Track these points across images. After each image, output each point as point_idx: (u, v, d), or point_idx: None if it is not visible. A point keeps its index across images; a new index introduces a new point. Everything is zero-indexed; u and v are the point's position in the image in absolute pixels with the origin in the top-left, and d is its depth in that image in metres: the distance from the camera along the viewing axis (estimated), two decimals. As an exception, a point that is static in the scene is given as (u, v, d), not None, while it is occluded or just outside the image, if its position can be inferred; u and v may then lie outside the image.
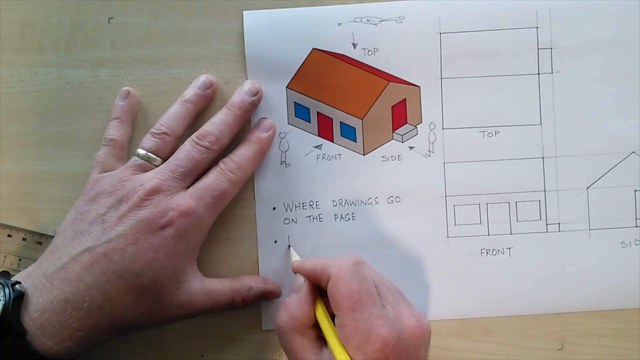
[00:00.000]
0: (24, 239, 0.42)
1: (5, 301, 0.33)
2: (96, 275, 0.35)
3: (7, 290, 0.34)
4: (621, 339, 0.41)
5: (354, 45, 0.41)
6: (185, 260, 0.37)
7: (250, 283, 0.40)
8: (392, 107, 0.42)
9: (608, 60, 0.41)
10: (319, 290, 0.36)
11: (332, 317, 0.34)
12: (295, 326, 0.34)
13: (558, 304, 0.42)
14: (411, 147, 0.42)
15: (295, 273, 0.37)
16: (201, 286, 0.38)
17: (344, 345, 0.32)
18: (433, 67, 0.42)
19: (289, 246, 0.42)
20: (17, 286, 0.35)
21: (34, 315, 0.34)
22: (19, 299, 0.34)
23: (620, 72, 0.41)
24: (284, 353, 0.42)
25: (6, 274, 0.38)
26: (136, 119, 0.42)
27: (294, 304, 0.35)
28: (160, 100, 0.42)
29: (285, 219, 0.42)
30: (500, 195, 0.42)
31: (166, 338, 0.42)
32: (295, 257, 0.40)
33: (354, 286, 0.32)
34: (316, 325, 0.34)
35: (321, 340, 0.34)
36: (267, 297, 0.41)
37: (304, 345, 0.34)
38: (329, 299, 0.33)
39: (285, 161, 0.42)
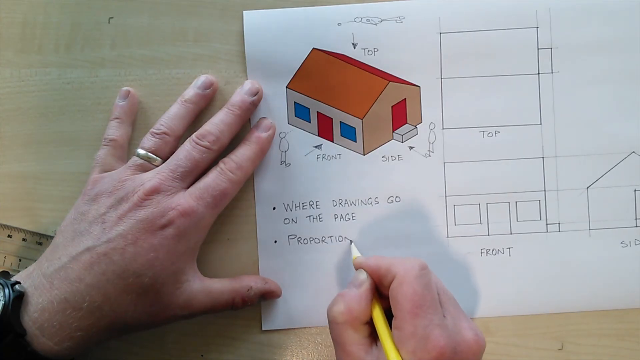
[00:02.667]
0: (24, 240, 0.42)
1: (5, 301, 0.33)
2: (96, 275, 0.35)
3: (6, 291, 0.34)
4: (621, 339, 0.41)
5: (354, 45, 0.41)
6: (185, 260, 0.37)
7: (251, 283, 0.40)
8: (392, 107, 0.42)
9: (608, 60, 0.41)
10: (377, 291, 0.35)
11: (387, 318, 0.34)
12: (350, 319, 0.34)
13: (558, 304, 0.42)
14: (411, 147, 0.42)
15: (357, 268, 0.36)
16: (201, 286, 0.38)
17: (398, 347, 0.32)
18: (433, 67, 0.42)
19: (351, 242, 0.41)
20: (16, 286, 0.35)
21: (33, 315, 0.34)
22: (18, 299, 0.34)
23: (620, 72, 0.41)
24: (283, 353, 0.42)
25: (6, 274, 0.38)
26: (136, 119, 0.42)
27: (353, 297, 0.34)
28: (160, 100, 0.42)
29: (285, 219, 0.42)
30: (500, 195, 0.42)
31: (166, 338, 0.42)
32: (356, 253, 0.40)
33: (418, 290, 0.32)
34: (369, 323, 0.34)
35: (372, 338, 0.34)
36: (267, 297, 0.41)
37: (355, 339, 0.33)
38: (390, 299, 0.33)
39: (285, 161, 0.42)
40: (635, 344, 0.41)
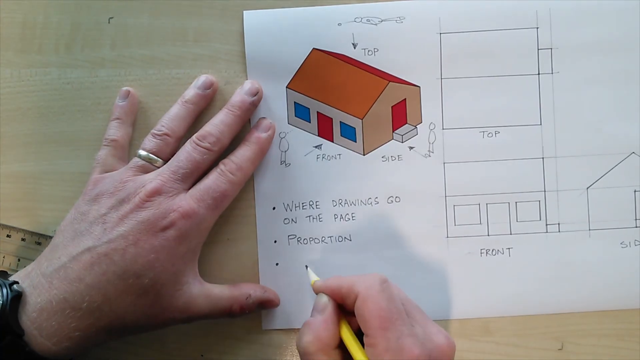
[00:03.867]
0: (23, 239, 0.42)
1: (2, 301, 0.33)
2: (96, 275, 0.35)
3: (4, 290, 0.34)
4: (621, 339, 0.41)
5: (354, 45, 0.41)
6: (186, 262, 0.37)
7: (250, 291, 0.40)
8: (392, 107, 0.42)
9: (608, 60, 0.41)
10: (341, 309, 0.35)
11: (356, 336, 0.33)
12: (321, 347, 0.33)
13: (558, 304, 0.42)
14: (411, 147, 0.42)
15: (317, 293, 0.36)
16: (201, 289, 0.38)
17: None
18: (433, 67, 0.42)
19: (306, 267, 0.41)
20: (15, 286, 0.34)
21: (32, 315, 0.34)
22: (16, 299, 0.34)
23: (620, 72, 0.41)
24: (283, 353, 0.42)
25: (4, 274, 0.37)
26: (136, 119, 0.42)
27: (318, 324, 0.34)
28: (160, 101, 0.42)
29: (285, 219, 0.42)
30: (500, 195, 0.42)
31: (166, 338, 0.42)
32: (313, 277, 0.39)
33: (383, 305, 0.32)
34: (340, 347, 0.34)
35: None
36: (266, 306, 0.41)
37: None
38: (357, 318, 0.33)
39: (285, 161, 0.42)
40: (635, 344, 0.41)
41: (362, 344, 0.33)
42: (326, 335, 0.33)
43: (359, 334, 0.33)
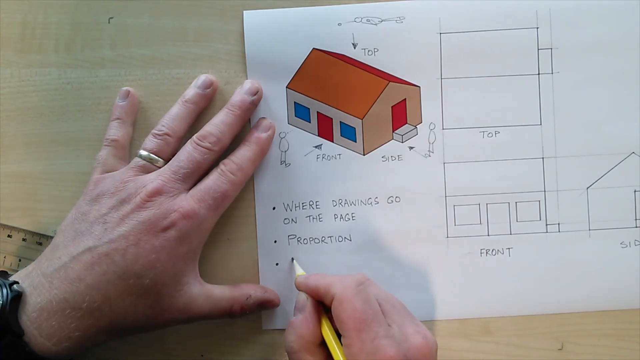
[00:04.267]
0: (24, 240, 0.42)
1: (2, 301, 0.33)
2: (97, 275, 0.35)
3: (4, 291, 0.34)
4: (621, 339, 0.41)
5: (354, 45, 0.41)
6: (187, 263, 0.37)
7: (250, 291, 0.40)
8: (392, 107, 0.42)
9: (608, 60, 0.41)
10: (323, 306, 0.36)
11: (339, 333, 0.34)
12: (305, 345, 0.34)
13: (558, 304, 0.42)
14: (411, 147, 0.42)
15: (298, 289, 0.37)
16: (201, 290, 0.38)
17: None
18: (433, 67, 0.42)
19: (292, 259, 0.42)
20: (15, 286, 0.34)
21: (32, 315, 0.34)
22: (16, 299, 0.34)
23: (620, 72, 0.41)
24: (283, 353, 0.42)
25: (4, 274, 0.37)
26: (136, 119, 0.42)
27: (300, 323, 0.35)
28: (160, 101, 0.42)
29: (285, 218, 0.42)
30: (500, 195, 0.42)
31: (166, 338, 0.42)
32: (299, 270, 0.40)
33: (357, 307, 0.32)
34: (324, 343, 0.34)
35: (331, 358, 0.34)
36: (266, 306, 0.41)
37: None
38: (334, 319, 0.33)
39: (285, 161, 0.42)
40: (635, 344, 0.41)
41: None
42: (308, 333, 0.34)
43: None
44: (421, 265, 0.42)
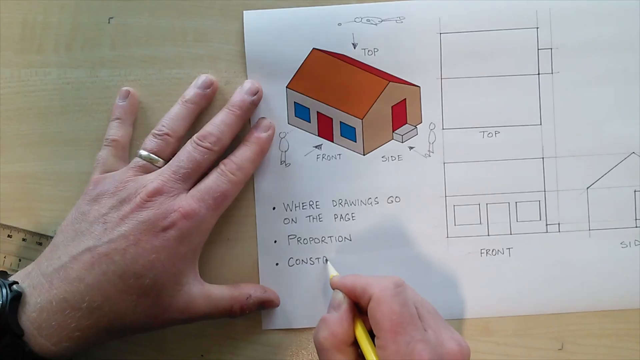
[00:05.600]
0: (24, 240, 0.42)
1: (2, 301, 0.33)
2: (96, 275, 0.35)
3: (4, 291, 0.34)
4: (621, 339, 0.41)
5: (354, 45, 0.41)
6: (187, 263, 0.37)
7: (250, 291, 0.40)
8: (392, 107, 0.42)
9: (608, 60, 0.41)
10: (357, 307, 0.35)
11: (371, 335, 0.33)
12: (336, 343, 0.33)
13: (558, 304, 0.42)
14: (411, 147, 0.42)
15: (333, 289, 0.36)
16: (201, 290, 0.38)
17: None
18: (433, 67, 0.42)
19: (327, 260, 0.42)
20: (14, 286, 0.34)
21: (31, 315, 0.34)
22: (16, 299, 0.34)
23: (620, 72, 0.41)
24: (283, 353, 0.42)
25: (4, 274, 0.37)
26: (136, 119, 0.42)
27: (334, 320, 0.34)
28: (160, 101, 0.42)
29: (285, 218, 0.42)
30: (500, 195, 0.42)
31: (166, 338, 0.42)
32: (332, 271, 0.40)
33: (395, 309, 0.32)
34: (355, 344, 0.34)
35: (360, 358, 0.34)
36: (266, 306, 0.41)
37: None
38: (370, 319, 0.33)
39: (285, 161, 0.42)
40: (635, 344, 0.41)
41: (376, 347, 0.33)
42: (341, 333, 0.33)
43: (373, 335, 0.33)
44: (421, 265, 0.42)
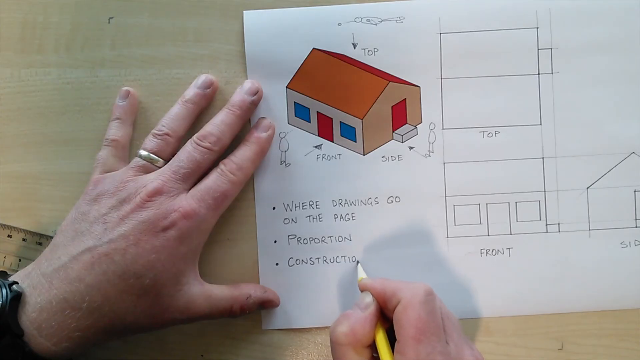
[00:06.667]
0: (24, 240, 0.42)
1: (2, 301, 0.33)
2: (96, 275, 0.35)
3: (4, 291, 0.34)
4: (621, 339, 0.41)
5: (354, 45, 0.41)
6: (187, 263, 0.37)
7: (250, 291, 0.40)
8: (392, 107, 0.42)
9: (608, 60, 0.41)
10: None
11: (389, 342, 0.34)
12: (353, 341, 0.33)
13: (558, 304, 0.42)
14: (411, 147, 0.42)
15: (362, 290, 0.36)
16: (201, 290, 0.38)
17: None
18: (433, 67, 0.42)
19: (357, 262, 0.42)
20: (14, 286, 0.34)
21: (31, 315, 0.34)
22: (16, 299, 0.34)
23: (620, 72, 0.41)
24: (283, 353, 0.42)
25: (4, 274, 0.37)
26: (136, 119, 0.42)
27: (358, 319, 0.34)
28: (160, 101, 0.42)
29: (285, 218, 0.42)
30: (500, 195, 0.42)
31: (166, 338, 0.42)
32: (362, 274, 0.39)
33: (422, 316, 0.32)
34: (371, 347, 0.34)
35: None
36: (266, 306, 0.41)
37: None
38: (394, 323, 0.33)
39: (285, 161, 0.42)
40: (635, 344, 0.41)
41: (393, 351, 0.33)
42: (362, 332, 0.33)
43: (391, 340, 0.33)
44: (421, 265, 0.42)
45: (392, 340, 0.33)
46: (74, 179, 0.42)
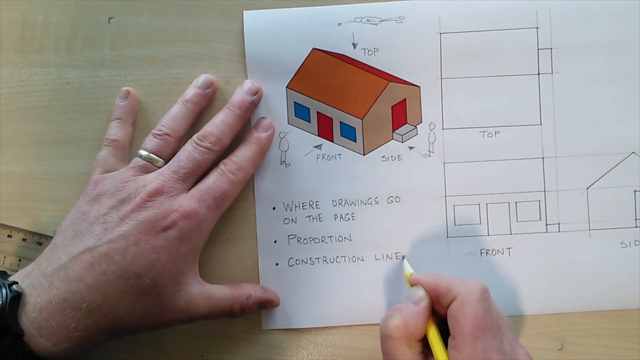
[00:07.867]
0: (24, 240, 0.42)
1: (2, 301, 0.33)
2: (96, 275, 0.35)
3: (4, 291, 0.34)
4: (621, 339, 0.41)
5: (354, 45, 0.41)
6: (187, 263, 0.37)
7: (250, 291, 0.40)
8: (392, 107, 0.42)
9: (608, 60, 0.41)
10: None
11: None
12: (406, 335, 0.33)
13: (558, 304, 0.42)
14: (411, 147, 0.42)
15: (412, 285, 0.36)
16: (201, 290, 0.38)
17: None
18: (433, 67, 0.42)
19: (403, 257, 0.42)
20: (14, 286, 0.34)
21: (31, 315, 0.34)
22: (16, 299, 0.34)
23: (620, 72, 0.41)
24: (283, 353, 0.42)
25: (4, 274, 0.37)
26: (136, 119, 0.42)
27: (410, 313, 0.34)
28: (160, 101, 0.42)
29: (285, 218, 0.42)
30: (500, 195, 0.42)
31: (166, 338, 0.42)
32: (409, 268, 0.39)
33: (479, 313, 0.32)
34: (422, 341, 0.34)
35: (424, 355, 0.33)
36: (266, 306, 0.41)
37: (408, 355, 0.33)
38: (449, 319, 0.33)
39: (285, 161, 0.42)
40: (635, 344, 0.41)
41: (446, 347, 0.33)
42: (414, 326, 0.33)
43: (443, 336, 0.33)
44: (421, 265, 0.42)
45: (442, 336, 0.33)
46: (74, 179, 0.42)
